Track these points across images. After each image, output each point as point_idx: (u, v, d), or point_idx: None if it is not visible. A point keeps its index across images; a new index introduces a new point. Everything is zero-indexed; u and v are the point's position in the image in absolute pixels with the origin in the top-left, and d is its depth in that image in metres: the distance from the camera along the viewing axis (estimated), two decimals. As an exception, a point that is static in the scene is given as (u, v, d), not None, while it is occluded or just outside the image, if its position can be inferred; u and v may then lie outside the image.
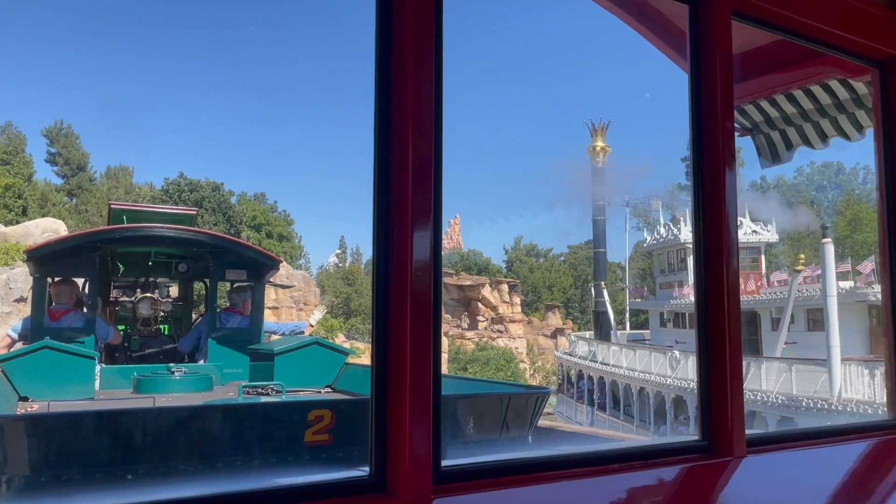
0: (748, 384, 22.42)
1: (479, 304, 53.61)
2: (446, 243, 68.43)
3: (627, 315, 50.14)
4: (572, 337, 45.99)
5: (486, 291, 54.17)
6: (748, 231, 37.37)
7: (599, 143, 44.15)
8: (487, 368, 44.23)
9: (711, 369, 2.20)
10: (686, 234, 37.86)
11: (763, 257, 38.50)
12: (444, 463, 1.63)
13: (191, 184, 52.09)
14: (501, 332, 52.99)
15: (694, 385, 22.76)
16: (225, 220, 51.82)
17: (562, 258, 72.18)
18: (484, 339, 49.68)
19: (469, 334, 50.19)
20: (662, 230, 42.45)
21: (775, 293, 32.45)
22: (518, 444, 3.89)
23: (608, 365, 35.38)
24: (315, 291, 45.94)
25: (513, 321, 54.64)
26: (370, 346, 1.68)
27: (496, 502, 1.71)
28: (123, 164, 57.25)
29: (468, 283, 53.33)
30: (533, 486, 1.77)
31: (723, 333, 2.18)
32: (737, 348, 2.19)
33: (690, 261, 34.76)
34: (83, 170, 53.04)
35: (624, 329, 46.88)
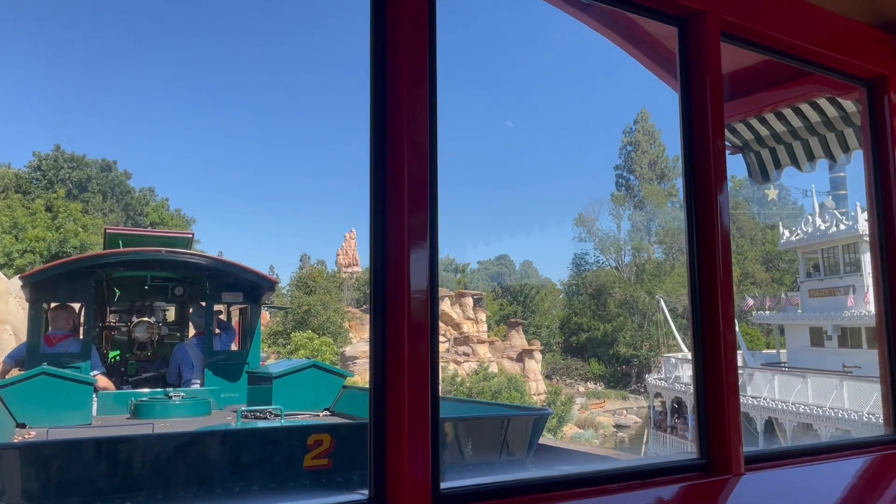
0: None
1: (440, 322, 46.48)
2: (342, 259, 62.18)
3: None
4: (672, 360, 35.80)
5: (447, 306, 45.12)
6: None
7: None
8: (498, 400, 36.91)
9: (708, 386, 2.20)
10: (865, 224, 26.49)
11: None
12: (443, 485, 1.63)
13: (72, 159, 41.69)
14: (468, 354, 43.90)
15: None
16: (121, 207, 41.24)
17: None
18: (449, 364, 40.68)
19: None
20: (819, 220, 30.85)
21: None
22: (517, 468, 3.88)
23: (754, 397, 27.12)
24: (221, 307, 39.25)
25: (480, 342, 45.79)
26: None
27: None
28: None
29: (426, 296, 46.39)
30: None
31: (718, 351, 2.19)
32: (733, 366, 2.20)
33: (867, 258, 26.65)
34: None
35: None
